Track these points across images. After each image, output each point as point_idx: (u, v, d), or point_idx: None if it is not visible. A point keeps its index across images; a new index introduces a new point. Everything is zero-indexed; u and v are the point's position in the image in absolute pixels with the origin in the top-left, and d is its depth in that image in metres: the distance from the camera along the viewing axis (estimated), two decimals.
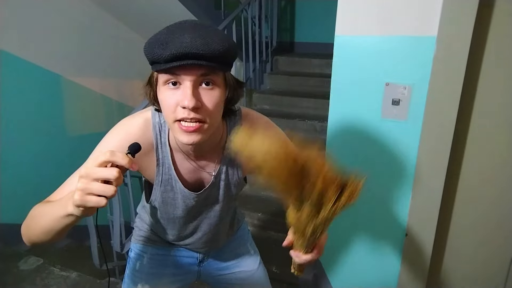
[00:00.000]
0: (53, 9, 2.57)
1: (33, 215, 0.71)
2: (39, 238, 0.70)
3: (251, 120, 0.87)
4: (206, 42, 0.63)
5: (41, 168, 2.60)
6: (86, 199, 0.56)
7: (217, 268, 1.11)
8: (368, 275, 1.54)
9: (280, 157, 0.55)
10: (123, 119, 0.82)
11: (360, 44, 1.27)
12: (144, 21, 3.03)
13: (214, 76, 0.68)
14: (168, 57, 0.63)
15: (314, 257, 0.73)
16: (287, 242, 0.74)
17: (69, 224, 0.64)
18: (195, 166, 0.85)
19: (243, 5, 3.00)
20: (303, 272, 0.83)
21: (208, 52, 0.63)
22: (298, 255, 0.73)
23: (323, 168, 0.56)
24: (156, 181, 0.85)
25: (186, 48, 0.62)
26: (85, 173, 0.57)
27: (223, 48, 0.65)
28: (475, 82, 1.20)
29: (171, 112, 0.68)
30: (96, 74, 3.05)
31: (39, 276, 1.96)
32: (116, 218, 1.96)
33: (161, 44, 0.64)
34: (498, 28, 1.13)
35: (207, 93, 0.68)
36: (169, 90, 0.68)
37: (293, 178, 0.56)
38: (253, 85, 3.29)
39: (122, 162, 0.58)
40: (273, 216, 2.36)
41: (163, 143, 0.81)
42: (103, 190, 0.56)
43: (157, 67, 0.67)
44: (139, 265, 1.05)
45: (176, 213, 0.90)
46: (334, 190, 0.56)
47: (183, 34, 0.64)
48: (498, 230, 1.32)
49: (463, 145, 1.27)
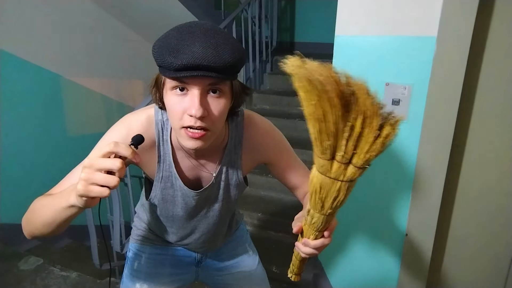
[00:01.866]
0: (53, 9, 2.57)
1: (34, 207, 0.72)
2: (40, 231, 0.70)
3: (253, 122, 0.87)
4: (217, 53, 0.63)
5: (41, 168, 2.59)
6: (89, 189, 0.57)
7: (215, 268, 1.11)
8: (368, 275, 1.54)
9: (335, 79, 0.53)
10: (126, 115, 0.83)
11: (360, 44, 1.27)
12: (144, 21, 3.03)
13: (222, 85, 0.69)
14: (179, 67, 0.63)
15: (325, 242, 0.70)
16: (297, 229, 0.72)
17: (70, 216, 0.65)
18: (195, 164, 0.86)
19: (243, 5, 3.00)
20: (300, 277, 0.82)
21: (219, 65, 0.64)
22: (306, 242, 0.71)
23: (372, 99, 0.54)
24: (156, 178, 0.85)
25: (197, 59, 0.62)
26: (89, 163, 0.58)
27: (233, 59, 0.65)
28: (475, 82, 1.20)
29: (178, 119, 0.69)
30: (96, 74, 3.05)
31: (39, 276, 1.96)
32: (116, 218, 1.96)
33: (171, 51, 0.64)
34: (498, 28, 1.13)
35: (214, 101, 0.69)
36: (177, 96, 0.68)
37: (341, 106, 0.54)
38: (253, 85, 3.30)
39: (125, 153, 0.59)
40: (273, 216, 2.36)
41: (165, 141, 0.82)
42: (106, 181, 0.57)
43: (166, 73, 0.67)
44: (137, 265, 1.05)
45: (175, 211, 0.91)
46: (377, 119, 0.54)
47: (194, 42, 0.64)
48: (498, 231, 1.32)
49: (463, 145, 1.27)
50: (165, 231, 1.00)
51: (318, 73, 0.53)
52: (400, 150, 1.30)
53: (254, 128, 0.87)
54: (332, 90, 0.53)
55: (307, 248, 0.71)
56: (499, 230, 1.31)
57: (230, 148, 0.86)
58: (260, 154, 0.89)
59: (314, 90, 0.54)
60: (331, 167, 0.60)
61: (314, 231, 0.69)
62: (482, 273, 1.39)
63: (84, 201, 0.59)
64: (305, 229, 0.71)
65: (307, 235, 0.71)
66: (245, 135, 0.86)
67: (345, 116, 0.55)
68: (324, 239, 0.70)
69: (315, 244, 0.70)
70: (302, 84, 0.55)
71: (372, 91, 0.55)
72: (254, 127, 0.87)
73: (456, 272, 1.43)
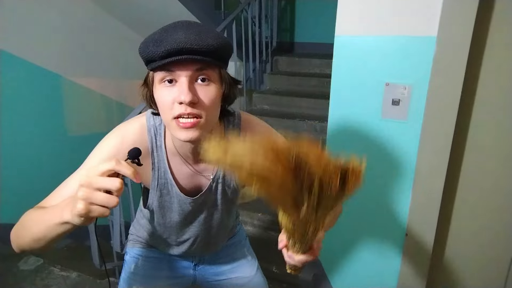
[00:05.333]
0: (53, 9, 2.56)
1: (24, 221, 0.69)
2: (30, 245, 0.67)
3: (251, 126, 0.86)
4: (200, 37, 0.64)
5: (41, 168, 2.59)
6: (90, 209, 0.55)
7: (213, 273, 1.10)
8: (368, 275, 1.54)
9: (270, 154, 0.47)
10: (118, 125, 0.81)
11: (360, 44, 1.27)
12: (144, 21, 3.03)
13: (210, 72, 0.68)
14: (163, 53, 0.63)
15: (309, 258, 0.69)
16: (282, 245, 0.70)
17: (63, 233, 0.62)
18: (193, 170, 0.83)
19: (243, 5, 3.00)
20: (299, 272, 0.80)
21: (202, 47, 0.64)
22: (291, 256, 0.70)
23: (321, 156, 0.49)
24: (152, 186, 0.83)
25: (180, 43, 0.62)
26: (87, 182, 0.55)
27: (217, 43, 0.65)
28: (475, 82, 1.20)
29: (168, 109, 0.68)
30: (96, 74, 3.05)
31: (39, 276, 1.96)
32: (116, 218, 1.96)
33: (155, 42, 0.64)
34: (498, 28, 1.13)
35: (203, 88, 0.68)
36: (165, 87, 0.68)
37: (289, 175, 0.49)
38: (253, 85, 3.29)
39: (127, 173, 0.56)
40: (273, 216, 2.36)
41: (159, 146, 0.80)
42: (107, 202, 0.55)
43: (152, 65, 0.67)
44: (134, 268, 1.04)
45: (173, 217, 0.89)
46: (337, 177, 0.50)
47: (177, 32, 0.64)
48: (498, 230, 1.31)
49: (463, 145, 1.27)
50: (163, 237, 0.97)
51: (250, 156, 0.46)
52: (400, 150, 1.30)
53: (252, 131, 0.85)
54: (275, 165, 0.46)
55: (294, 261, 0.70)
56: (499, 230, 1.31)
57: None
58: None
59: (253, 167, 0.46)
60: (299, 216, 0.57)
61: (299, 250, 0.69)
62: (482, 273, 1.39)
63: (82, 220, 0.56)
64: (290, 245, 0.70)
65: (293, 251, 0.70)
66: None
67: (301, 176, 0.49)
68: (308, 256, 0.69)
69: (299, 259, 0.69)
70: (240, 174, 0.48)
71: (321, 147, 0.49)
72: (252, 129, 0.85)
73: (456, 272, 1.43)
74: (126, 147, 0.65)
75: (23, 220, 0.69)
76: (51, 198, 0.74)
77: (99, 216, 0.56)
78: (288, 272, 0.81)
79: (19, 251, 0.72)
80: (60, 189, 0.75)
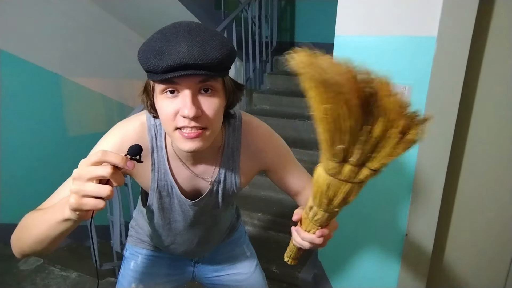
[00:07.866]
0: (53, 9, 2.57)
1: (24, 223, 0.67)
2: (32, 248, 0.66)
3: (252, 128, 0.84)
4: (204, 50, 0.60)
5: (41, 168, 2.59)
6: (82, 202, 0.53)
7: (212, 269, 1.10)
8: (368, 275, 1.54)
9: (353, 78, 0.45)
10: (118, 123, 0.79)
11: (360, 44, 1.27)
12: (144, 21, 3.03)
13: (213, 82, 0.65)
14: (166, 68, 0.60)
15: (315, 241, 0.66)
16: (297, 218, 0.69)
17: (66, 230, 0.61)
18: (192, 173, 0.81)
19: (243, 5, 3.00)
20: (296, 261, 0.78)
21: (206, 62, 0.60)
22: (299, 230, 0.68)
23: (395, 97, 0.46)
24: (151, 187, 0.81)
25: (183, 59, 0.59)
26: (78, 174, 0.53)
27: (221, 55, 0.62)
28: (475, 82, 1.20)
29: (170, 120, 0.65)
30: (96, 74, 3.05)
31: (39, 276, 1.96)
32: (116, 218, 1.96)
33: (156, 53, 0.60)
34: (498, 28, 1.13)
35: (206, 100, 0.65)
36: (167, 99, 0.65)
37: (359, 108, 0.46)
38: (253, 85, 3.30)
39: (115, 161, 0.53)
40: (273, 216, 2.36)
41: (159, 147, 0.78)
42: (98, 191, 0.53)
43: (153, 77, 0.63)
44: (133, 265, 1.04)
45: (173, 219, 0.88)
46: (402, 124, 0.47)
47: (179, 42, 0.60)
48: (498, 230, 1.32)
49: (463, 145, 1.27)
50: (162, 238, 0.96)
51: (333, 72, 0.45)
52: None
53: (253, 134, 0.83)
54: (349, 92, 0.45)
55: (298, 237, 0.69)
56: (499, 230, 1.31)
57: (227, 155, 0.82)
58: (260, 160, 0.86)
59: (328, 92, 0.46)
60: (341, 170, 0.54)
61: (315, 225, 0.66)
62: (482, 273, 1.39)
63: (78, 214, 0.55)
64: (306, 222, 0.68)
65: (307, 228, 0.68)
66: (243, 141, 0.83)
67: (363, 119, 0.48)
68: (314, 237, 0.66)
69: (303, 236, 0.67)
70: (314, 84, 0.47)
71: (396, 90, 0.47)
72: (253, 132, 0.83)
73: (456, 272, 1.43)
74: (126, 146, 0.62)
75: (23, 223, 0.68)
76: (49, 201, 0.72)
77: (93, 209, 0.53)
78: (285, 260, 0.78)
79: (21, 256, 0.70)
80: (58, 191, 0.73)
